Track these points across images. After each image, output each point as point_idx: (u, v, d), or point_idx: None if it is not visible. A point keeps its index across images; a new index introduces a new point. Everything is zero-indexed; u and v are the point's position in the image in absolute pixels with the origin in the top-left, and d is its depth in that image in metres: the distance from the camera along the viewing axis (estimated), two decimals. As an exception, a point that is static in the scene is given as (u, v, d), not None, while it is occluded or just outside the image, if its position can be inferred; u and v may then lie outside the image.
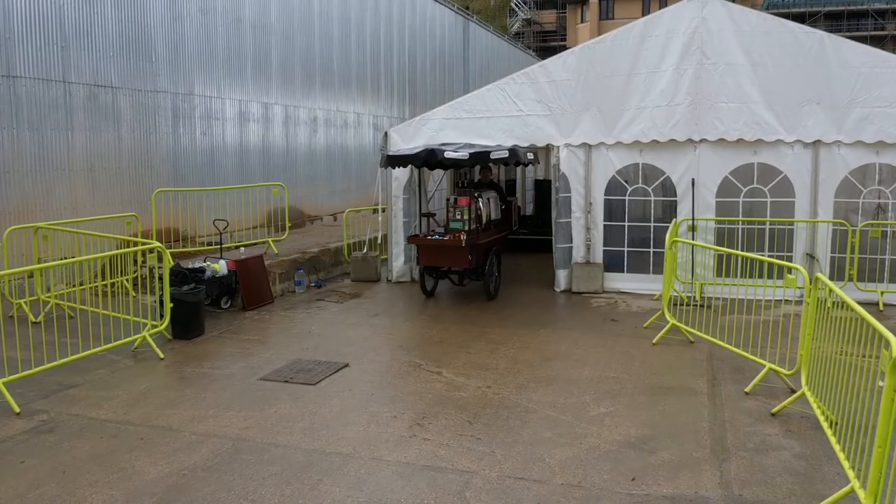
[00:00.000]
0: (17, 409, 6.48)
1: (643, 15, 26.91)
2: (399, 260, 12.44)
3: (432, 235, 10.72)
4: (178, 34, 13.98)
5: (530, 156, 11.56)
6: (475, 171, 14.29)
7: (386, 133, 12.58)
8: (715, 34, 10.70)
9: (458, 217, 10.58)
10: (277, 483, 5.19)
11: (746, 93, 10.63)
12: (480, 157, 10.29)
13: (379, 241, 12.94)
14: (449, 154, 10.00)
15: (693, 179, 10.95)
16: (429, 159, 10.18)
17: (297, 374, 7.59)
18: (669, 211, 11.19)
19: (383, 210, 12.63)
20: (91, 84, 12.16)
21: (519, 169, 20.47)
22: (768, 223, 10.82)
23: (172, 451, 5.73)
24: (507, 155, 10.37)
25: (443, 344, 8.73)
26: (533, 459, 5.55)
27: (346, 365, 7.87)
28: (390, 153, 10.43)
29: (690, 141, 10.90)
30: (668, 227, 9.84)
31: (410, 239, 11.16)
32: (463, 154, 10.04)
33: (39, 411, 6.54)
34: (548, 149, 12.02)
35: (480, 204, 10.85)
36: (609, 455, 5.63)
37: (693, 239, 10.75)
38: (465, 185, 12.55)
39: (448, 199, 11.16)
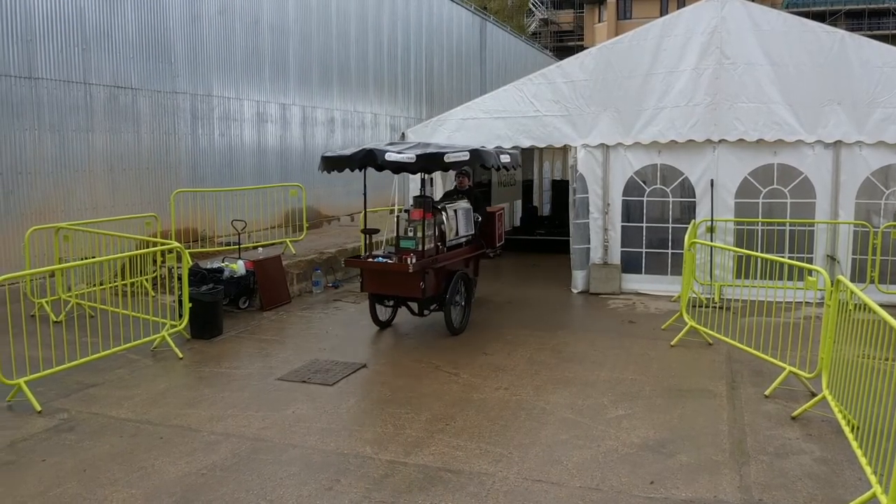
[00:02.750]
0: (39, 408, 6.54)
1: (661, 15, 26.79)
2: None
3: (375, 257, 8.99)
4: (196, 36, 14.08)
5: (505, 158, 9.77)
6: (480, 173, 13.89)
7: (403, 133, 12.61)
8: (734, 34, 10.62)
9: (410, 234, 8.69)
10: (295, 483, 5.20)
11: (766, 93, 10.54)
12: (431, 160, 8.23)
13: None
14: (391, 156, 8.09)
15: (712, 180, 10.87)
16: (367, 162, 8.40)
17: (314, 374, 7.61)
18: (688, 212, 11.12)
19: (399, 211, 12.62)
20: (111, 85, 12.27)
21: (536, 169, 20.48)
22: (788, 224, 10.72)
23: (191, 451, 5.76)
24: (466, 157, 8.63)
25: (460, 345, 8.72)
26: (550, 462, 5.53)
27: (364, 366, 7.89)
28: (326, 154, 8.82)
29: (709, 141, 10.82)
30: (686, 228, 9.78)
31: (348, 262, 9.60)
32: (408, 156, 8.04)
33: (60, 410, 6.61)
34: (565, 149, 11.98)
35: (445, 217, 9.16)
36: (627, 458, 5.60)
37: (712, 240, 10.67)
38: (454, 193, 10.51)
39: (398, 213, 9.47)
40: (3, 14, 10.49)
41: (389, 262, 8.65)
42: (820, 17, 43.07)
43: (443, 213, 9.20)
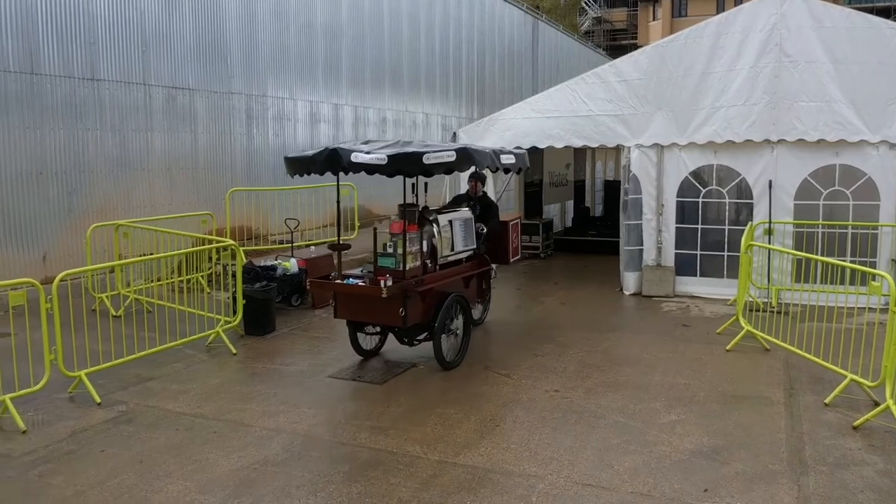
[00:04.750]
0: (98, 400, 6.73)
1: (717, 12, 26.24)
2: (466, 260, 12.41)
3: (347, 278, 7.58)
4: (252, 37, 14.31)
5: (508, 159, 8.36)
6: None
7: (455, 133, 12.62)
8: (794, 31, 10.33)
9: (390, 251, 7.36)
10: (344, 481, 5.24)
11: (828, 91, 10.23)
12: (407, 162, 6.82)
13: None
14: (359, 157, 6.79)
15: (770, 181, 10.60)
16: (330, 163, 7.06)
17: (365, 372, 7.66)
18: (745, 213, 10.87)
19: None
20: (169, 86, 12.55)
21: (588, 169, 20.30)
22: (850, 227, 10.39)
23: (244, 446, 5.85)
24: (451, 158, 7.05)
25: (510, 346, 8.68)
26: (601, 466, 5.46)
27: (414, 365, 7.91)
28: (289, 155, 7.64)
29: (768, 142, 10.56)
30: (743, 230, 9.56)
31: (313, 283, 8.34)
32: (378, 157, 6.72)
33: (119, 402, 6.78)
34: (618, 149, 11.83)
35: (436, 229, 7.82)
36: (680, 464, 5.49)
37: (770, 243, 10.41)
38: (464, 199, 9.26)
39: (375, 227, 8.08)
40: (68, 18, 10.82)
41: (360, 283, 7.39)
42: (884, 12, 41.64)
43: (433, 224, 7.83)
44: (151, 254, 9.67)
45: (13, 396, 6.30)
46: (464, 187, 12.12)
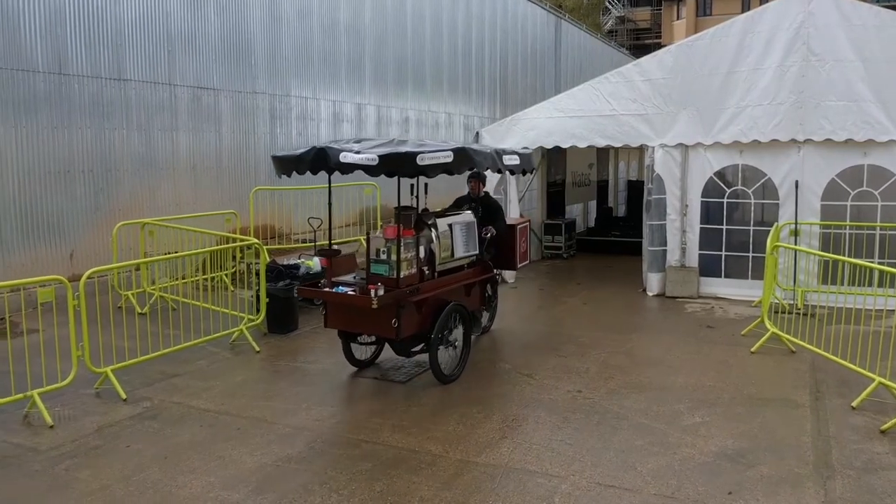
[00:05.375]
0: (124, 396, 6.80)
1: (743, 11, 25.99)
2: (488, 260, 12.39)
3: (336, 286, 7.11)
4: (276, 37, 14.39)
5: (512, 160, 7.85)
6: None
7: (477, 133, 12.61)
8: (822, 29, 10.20)
9: (384, 257, 6.89)
10: (367, 479, 5.25)
11: (856, 91, 10.09)
12: (399, 162, 6.37)
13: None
14: (348, 157, 6.37)
15: (797, 181, 10.48)
16: (318, 163, 6.68)
17: (387, 371, 7.68)
18: (771, 214, 10.75)
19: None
20: (194, 86, 12.66)
21: (612, 169, 20.18)
22: (879, 228, 10.23)
23: (267, 443, 5.89)
24: (449, 159, 6.58)
25: (532, 346, 8.65)
26: (624, 467, 5.43)
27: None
28: (277, 154, 7.24)
29: (794, 141, 10.44)
30: (768, 230, 9.46)
31: (301, 290, 7.77)
32: (369, 157, 6.29)
33: (144, 398, 6.85)
34: (641, 149, 11.76)
35: (435, 234, 7.37)
36: (704, 466, 5.44)
37: (796, 244, 10.29)
38: (465, 201, 8.86)
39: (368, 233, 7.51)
40: (95, 20, 10.95)
41: (350, 292, 6.92)
42: (915, 11, 40.96)
43: (432, 228, 7.37)
44: (176, 252, 9.76)
45: (41, 392, 6.39)
46: (489, 188, 12.07)
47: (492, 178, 12.23)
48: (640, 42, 54.28)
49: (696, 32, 13.00)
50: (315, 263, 10.45)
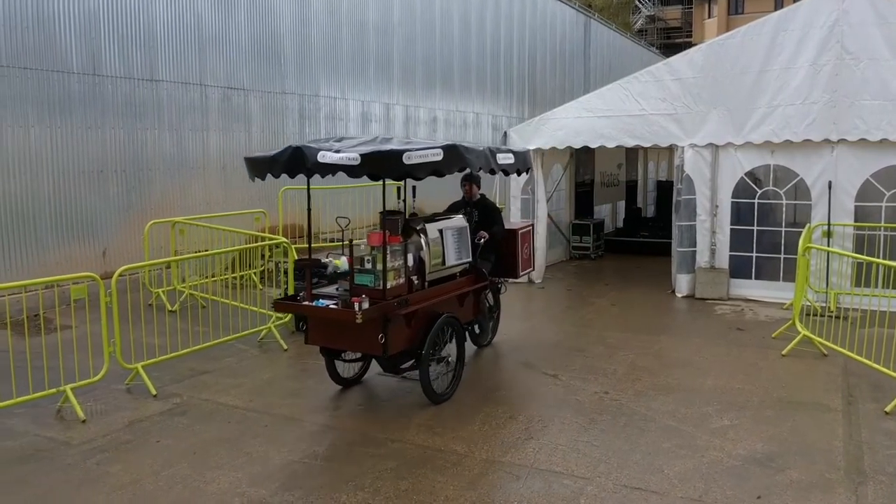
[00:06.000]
0: (154, 392, 6.90)
1: (775, 9, 25.63)
2: (515, 260, 12.35)
3: (316, 299, 6.52)
4: (305, 37, 14.50)
5: (506, 159, 7.22)
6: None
7: (505, 133, 12.58)
8: (857, 27, 10.02)
9: (369, 266, 6.34)
10: (393, 478, 5.27)
11: (892, 89, 9.88)
12: (383, 162, 5.79)
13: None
14: (326, 157, 5.75)
15: (830, 182, 10.30)
16: (294, 165, 6.06)
17: (413, 370, 7.67)
18: (803, 215, 10.58)
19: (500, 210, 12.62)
20: (225, 87, 12.80)
21: (641, 169, 20.02)
22: (915, 230, 10.03)
23: (294, 440, 5.93)
24: (438, 158, 6.00)
25: (559, 346, 8.62)
26: (651, 470, 5.38)
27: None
28: (249, 155, 6.75)
29: (827, 141, 10.26)
30: (800, 232, 9.31)
31: (278, 305, 6.87)
32: (350, 156, 5.66)
33: (174, 395, 6.95)
34: (671, 149, 11.65)
35: (425, 241, 6.78)
36: (733, 470, 5.38)
37: (829, 245, 10.12)
38: (461, 205, 8.11)
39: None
40: (128, 21, 11.12)
41: (332, 306, 6.34)
42: (954, 8, 40.06)
43: (421, 234, 6.78)
44: (206, 250, 9.88)
45: (74, 386, 6.51)
46: (513, 186, 12.02)
47: (518, 179, 12.22)
48: (671, 41, 53.78)
49: (727, 31, 12.83)
50: (343, 262, 10.49)
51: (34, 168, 10.02)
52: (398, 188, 8.50)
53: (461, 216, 7.51)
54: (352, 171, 5.72)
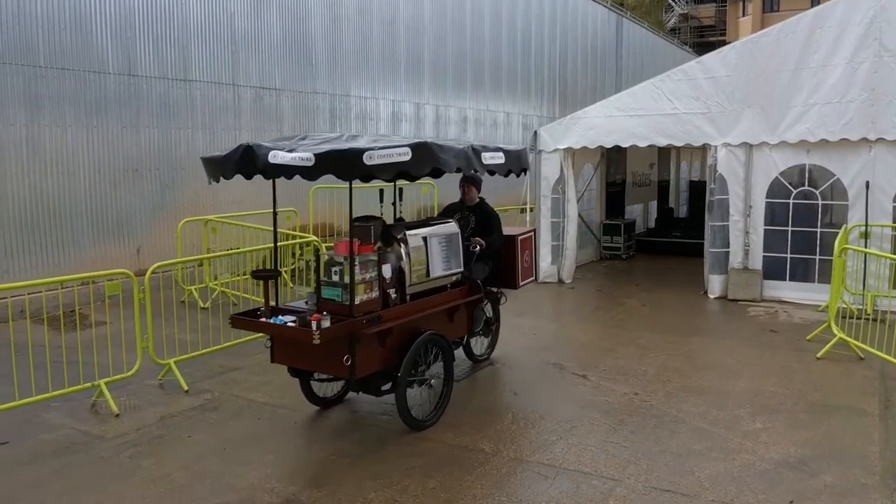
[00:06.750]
0: (186, 388, 6.99)
1: (812, 6, 25.24)
2: (546, 261, 12.31)
3: (277, 314, 5.94)
4: (336, 37, 14.58)
5: (495, 158, 6.48)
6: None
7: (535, 132, 12.52)
8: (895, 24, 9.81)
9: (336, 279, 5.67)
10: (421, 475, 5.27)
11: (933, 88, 9.67)
12: (341, 162, 5.14)
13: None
14: (278, 157, 5.12)
15: (867, 182, 10.09)
16: (245, 165, 5.42)
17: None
18: (839, 216, 10.39)
19: (530, 210, 12.58)
20: (257, 86, 12.92)
21: (673, 169, 19.82)
22: (955, 231, 9.79)
23: (322, 437, 5.97)
24: (405, 159, 5.33)
25: (588, 347, 8.56)
26: (681, 472, 5.32)
27: (490, 363, 7.89)
28: (206, 154, 6.20)
29: (865, 140, 10.06)
30: (836, 233, 9.14)
31: (235, 320, 6.05)
32: (302, 157, 5.04)
33: (205, 391, 7.03)
34: (704, 149, 11.50)
35: (405, 250, 6.07)
36: (765, 474, 5.30)
37: (866, 246, 9.92)
38: (459, 208, 7.59)
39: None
40: (163, 22, 11.28)
41: (290, 324, 5.65)
42: None
43: (401, 243, 6.09)
44: (238, 248, 9.98)
45: (108, 381, 6.62)
46: (539, 182, 11.92)
47: (550, 178, 12.17)
48: (704, 39, 53.21)
49: (762, 29, 12.65)
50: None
51: (71, 167, 10.22)
52: (426, 188, 8.15)
53: (453, 222, 6.80)
54: (307, 172, 5.10)
